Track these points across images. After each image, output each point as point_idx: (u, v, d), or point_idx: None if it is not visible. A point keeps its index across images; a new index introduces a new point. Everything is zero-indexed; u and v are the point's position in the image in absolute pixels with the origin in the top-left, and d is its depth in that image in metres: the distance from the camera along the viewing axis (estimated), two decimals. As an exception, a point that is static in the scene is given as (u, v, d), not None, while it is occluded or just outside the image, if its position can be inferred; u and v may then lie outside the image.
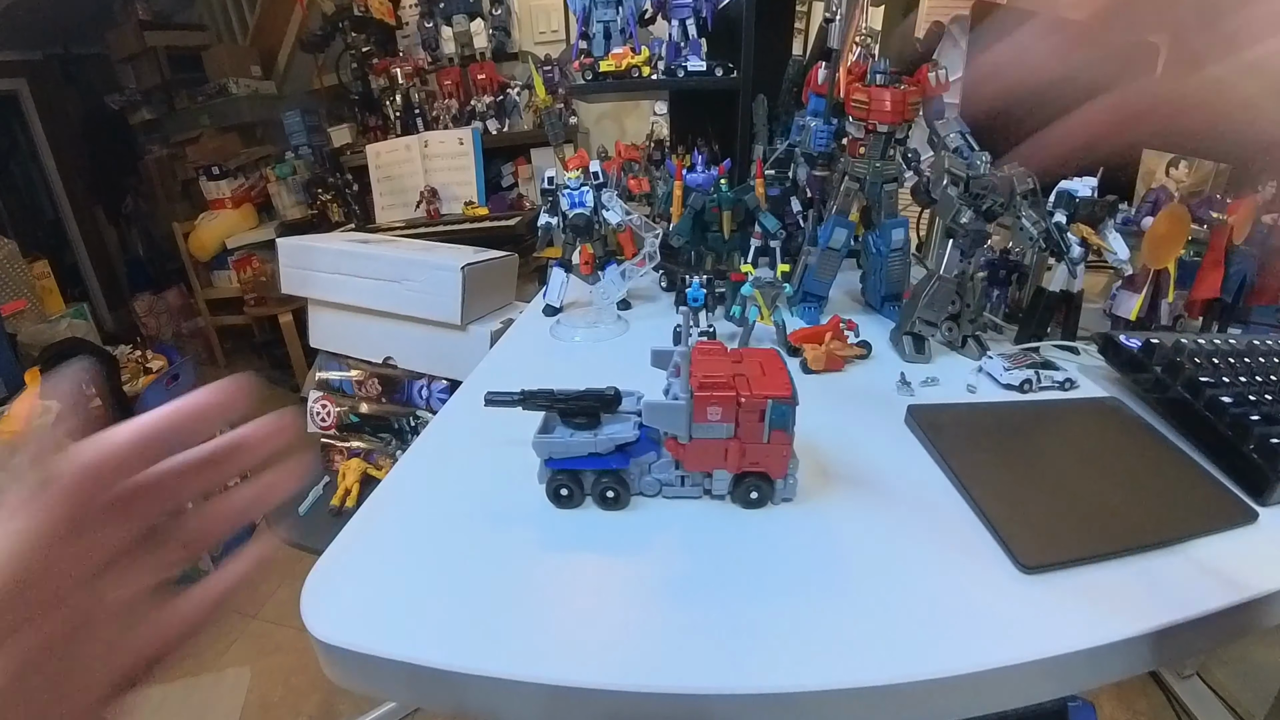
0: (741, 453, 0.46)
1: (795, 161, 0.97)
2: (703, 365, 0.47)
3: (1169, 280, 0.76)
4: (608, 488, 0.48)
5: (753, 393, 0.44)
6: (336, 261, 1.26)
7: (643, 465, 0.48)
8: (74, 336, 1.90)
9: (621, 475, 0.48)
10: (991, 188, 0.68)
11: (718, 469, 0.47)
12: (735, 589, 0.41)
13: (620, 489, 0.48)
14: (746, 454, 0.46)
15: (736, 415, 0.45)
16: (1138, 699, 1.32)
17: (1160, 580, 0.41)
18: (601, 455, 0.47)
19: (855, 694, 0.35)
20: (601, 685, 0.35)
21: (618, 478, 0.48)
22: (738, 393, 0.44)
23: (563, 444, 0.47)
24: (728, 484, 0.48)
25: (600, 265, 0.88)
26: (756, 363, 0.48)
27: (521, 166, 2.48)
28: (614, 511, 0.48)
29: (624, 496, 0.48)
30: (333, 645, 0.38)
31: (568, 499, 0.48)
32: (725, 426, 0.45)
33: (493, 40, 2.46)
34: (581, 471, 0.48)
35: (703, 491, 0.49)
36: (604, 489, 0.48)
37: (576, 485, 0.48)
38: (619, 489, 0.48)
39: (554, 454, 0.47)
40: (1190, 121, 0.38)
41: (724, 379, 0.45)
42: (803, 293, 0.88)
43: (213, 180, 2.90)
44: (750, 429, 0.45)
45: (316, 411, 1.28)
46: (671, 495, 0.49)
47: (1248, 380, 0.57)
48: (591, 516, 0.49)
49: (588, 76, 1.14)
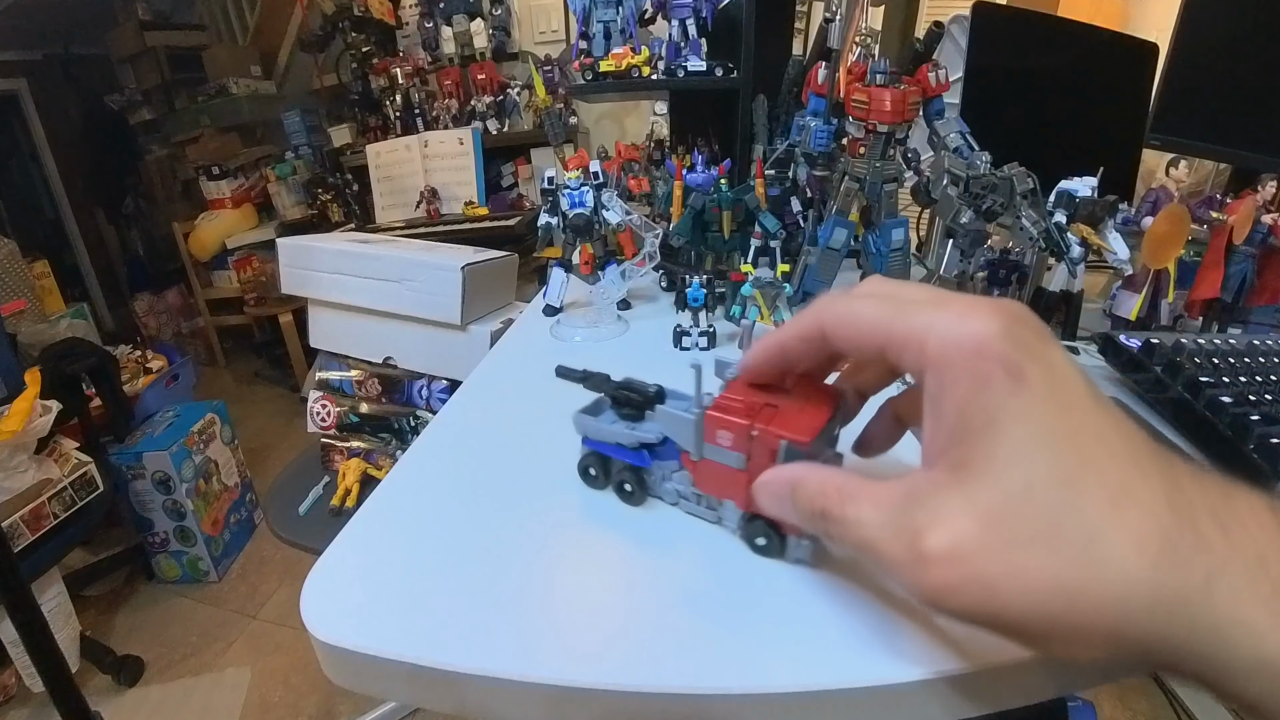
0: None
1: (795, 161, 0.97)
2: (740, 385, 0.42)
3: (1169, 280, 0.76)
4: (625, 481, 0.48)
5: (768, 427, 0.39)
6: (336, 261, 1.26)
7: (665, 470, 0.47)
8: (74, 336, 1.90)
9: (641, 473, 0.48)
10: (991, 188, 0.68)
11: (728, 499, 0.44)
12: (735, 589, 0.41)
13: (636, 486, 0.48)
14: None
15: (749, 447, 0.40)
16: (1138, 699, 1.32)
17: (1160, 580, 0.41)
18: (626, 448, 0.47)
19: (856, 694, 0.35)
20: (601, 685, 0.35)
21: (637, 475, 0.48)
22: (752, 423, 0.39)
23: (595, 427, 0.48)
24: (737, 520, 0.44)
25: (600, 265, 0.88)
26: (808, 395, 0.41)
27: (521, 166, 2.48)
28: (630, 508, 0.49)
29: (638, 494, 0.48)
30: (333, 645, 0.38)
31: (593, 479, 0.50)
32: (737, 456, 0.41)
33: (493, 40, 2.46)
34: (610, 459, 0.49)
35: (718, 518, 0.46)
36: (622, 481, 0.48)
37: (603, 470, 0.49)
38: (635, 485, 0.48)
39: (589, 434, 0.49)
40: None
41: (745, 403, 0.40)
42: (803, 293, 0.88)
43: (213, 180, 2.90)
44: (761, 466, 0.39)
45: (316, 411, 1.28)
46: (688, 511, 0.48)
47: (1248, 380, 0.57)
48: (595, 517, 0.49)
49: (588, 76, 1.14)
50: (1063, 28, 1.07)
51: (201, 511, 1.76)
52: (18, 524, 1.23)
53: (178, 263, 3.10)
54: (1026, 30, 1.03)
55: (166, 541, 1.77)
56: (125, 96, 3.33)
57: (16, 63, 3.21)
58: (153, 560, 1.81)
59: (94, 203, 3.62)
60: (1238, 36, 0.91)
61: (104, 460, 1.57)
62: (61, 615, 1.36)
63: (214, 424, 1.87)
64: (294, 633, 1.64)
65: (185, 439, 1.73)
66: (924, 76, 0.78)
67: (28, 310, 2.21)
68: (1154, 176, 1.23)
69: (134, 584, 1.84)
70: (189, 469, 1.73)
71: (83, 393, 1.59)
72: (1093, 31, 1.07)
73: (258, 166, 3.02)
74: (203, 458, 1.80)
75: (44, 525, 1.29)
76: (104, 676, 1.50)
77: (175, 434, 1.73)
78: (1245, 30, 0.90)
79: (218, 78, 2.98)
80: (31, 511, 1.26)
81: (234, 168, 2.96)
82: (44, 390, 1.34)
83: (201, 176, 2.91)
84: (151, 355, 2.07)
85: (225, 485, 1.90)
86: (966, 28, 1.00)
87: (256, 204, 3.00)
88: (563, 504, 0.51)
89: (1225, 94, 0.93)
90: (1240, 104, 0.91)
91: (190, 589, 1.81)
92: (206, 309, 3.12)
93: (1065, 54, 1.03)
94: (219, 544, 1.85)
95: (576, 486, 0.52)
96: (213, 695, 1.48)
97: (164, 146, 3.34)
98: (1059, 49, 1.03)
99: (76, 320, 2.31)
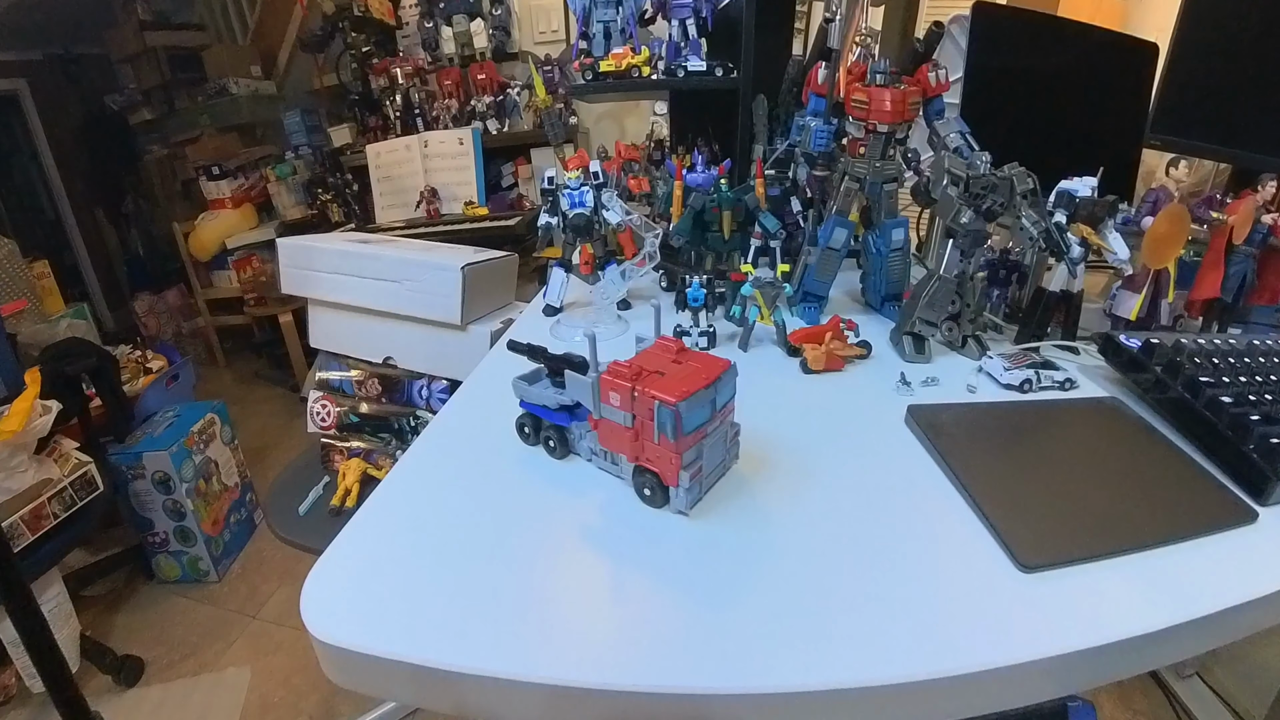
0: (638, 446, 0.48)
1: (795, 161, 0.97)
2: (644, 355, 0.50)
3: (1169, 280, 0.76)
4: (550, 438, 0.56)
5: (646, 389, 0.46)
6: (336, 261, 1.25)
7: (581, 430, 0.54)
8: (74, 336, 1.90)
9: (563, 431, 0.55)
10: (991, 187, 0.68)
11: (621, 454, 0.51)
12: (736, 589, 0.41)
13: (559, 443, 0.56)
14: (644, 450, 0.48)
15: (634, 407, 0.47)
16: (1138, 699, 1.32)
17: (1160, 580, 0.41)
18: (550, 409, 0.55)
19: (855, 694, 0.35)
20: (601, 685, 0.35)
21: (560, 433, 0.55)
22: (633, 385, 0.46)
23: (526, 390, 0.56)
24: (630, 471, 0.51)
25: (600, 265, 0.88)
26: (697, 367, 0.49)
27: (521, 166, 2.48)
28: (557, 461, 0.56)
29: (560, 449, 0.56)
30: (333, 645, 0.38)
31: (525, 436, 0.58)
32: (625, 415, 0.48)
33: (493, 40, 2.46)
34: (540, 419, 0.56)
35: (619, 472, 0.52)
36: (548, 438, 0.56)
37: (534, 428, 0.57)
38: (558, 443, 0.56)
39: (523, 396, 0.57)
40: None
41: (632, 369, 0.48)
42: (803, 293, 0.88)
43: (213, 180, 2.90)
44: (645, 425, 0.47)
45: (316, 411, 1.28)
46: (599, 466, 0.54)
47: (1248, 380, 0.57)
48: (596, 517, 0.49)
49: (588, 76, 1.14)
50: (1063, 28, 1.07)
51: (201, 511, 1.76)
52: (18, 524, 1.23)
53: (178, 263, 3.09)
54: (1026, 30, 1.03)
55: (166, 541, 1.77)
56: (125, 96, 3.32)
57: (16, 63, 3.20)
58: (153, 560, 1.81)
59: (94, 203, 3.62)
60: (1238, 36, 0.91)
61: (104, 460, 1.56)
62: (61, 615, 1.36)
63: (214, 424, 1.87)
64: (294, 633, 1.64)
65: (185, 439, 1.73)
66: (924, 76, 0.78)
67: (28, 310, 2.21)
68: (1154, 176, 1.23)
69: (134, 584, 1.84)
70: (189, 469, 1.73)
71: (83, 393, 1.59)
72: (1093, 31, 1.07)
73: (258, 166, 3.02)
74: (203, 458, 1.80)
75: (44, 525, 1.29)
76: (104, 676, 1.50)
77: (175, 434, 1.73)
78: (1245, 30, 0.90)
79: (218, 78, 2.98)
80: (31, 511, 1.26)
81: (234, 168, 2.95)
82: (44, 390, 1.33)
83: (201, 176, 2.90)
84: (151, 355, 2.07)
85: (225, 485, 1.90)
86: (966, 28, 1.00)
87: (256, 204, 3.00)
88: (563, 504, 0.51)
89: (1225, 94, 0.93)
90: (1240, 104, 0.91)
91: (190, 589, 1.81)
92: (206, 309, 3.11)
93: (1065, 54, 1.03)
94: (219, 544, 1.85)
95: (576, 487, 0.53)
96: (213, 695, 1.48)
97: (164, 146, 3.33)
98: (1059, 49, 1.03)
99: (76, 320, 2.30)
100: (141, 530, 1.76)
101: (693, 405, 0.45)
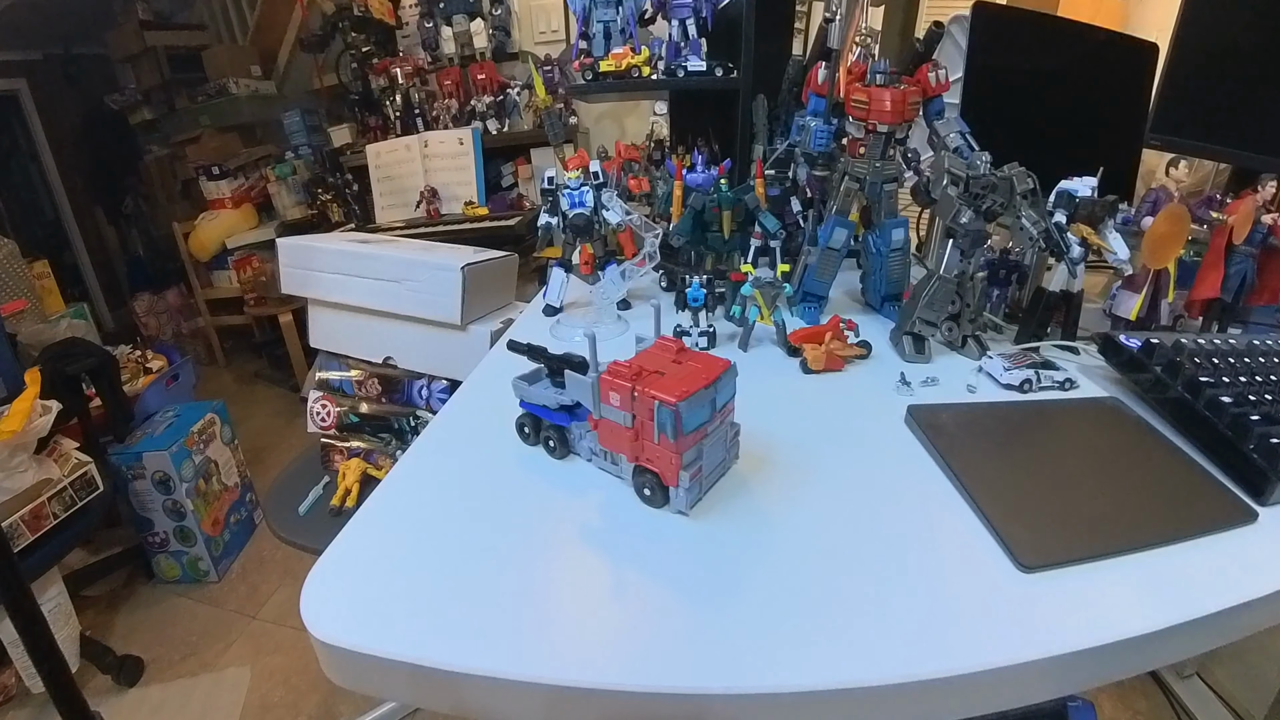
0: (638, 446, 0.48)
1: (795, 161, 0.97)
2: (644, 355, 0.50)
3: (1169, 280, 0.76)
4: (550, 438, 0.56)
5: (646, 389, 0.46)
6: (336, 261, 1.25)
7: (581, 430, 0.54)
8: (74, 336, 1.89)
9: (563, 431, 0.55)
10: (991, 187, 0.68)
11: (620, 454, 0.50)
12: (735, 589, 0.41)
13: (559, 443, 0.55)
14: (644, 450, 0.48)
15: (634, 407, 0.47)
16: (1138, 699, 1.32)
17: (1160, 580, 0.41)
18: (550, 409, 0.54)
19: (855, 694, 0.35)
20: (601, 685, 0.35)
21: (560, 433, 0.55)
22: (633, 385, 0.46)
23: (527, 390, 0.56)
24: (630, 471, 0.50)
25: (600, 265, 0.88)
26: (697, 367, 0.49)
27: (521, 166, 2.48)
28: (557, 461, 0.55)
29: (560, 449, 0.55)
30: (333, 645, 0.38)
31: (525, 436, 0.58)
32: (625, 415, 0.48)
33: (493, 40, 2.46)
34: (540, 419, 0.56)
35: (619, 472, 0.52)
36: (548, 438, 0.56)
37: (534, 428, 0.57)
38: (558, 442, 0.55)
39: (523, 397, 0.56)
40: None
41: (632, 369, 0.47)
42: (803, 293, 0.88)
43: (213, 180, 2.90)
44: (645, 425, 0.47)
45: (316, 411, 1.28)
46: (599, 466, 0.54)
47: (1248, 380, 0.57)
48: (596, 517, 0.49)
49: (588, 76, 1.14)
50: (1063, 28, 1.07)
51: (201, 511, 1.76)
52: (18, 524, 1.23)
53: (178, 263, 3.09)
54: (1026, 30, 1.03)
55: (166, 541, 1.77)
56: (125, 96, 3.32)
57: (16, 63, 3.20)
58: (153, 560, 1.81)
59: (94, 203, 3.62)
60: (1238, 36, 0.91)
61: (104, 460, 1.56)
62: (61, 615, 1.36)
63: (214, 424, 1.87)
64: (294, 633, 1.64)
65: (185, 439, 1.73)
66: (924, 76, 0.78)
67: (28, 310, 2.21)
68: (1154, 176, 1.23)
69: (134, 584, 1.84)
70: (189, 469, 1.73)
71: (83, 393, 1.59)
72: (1093, 31, 1.07)
73: (258, 166, 3.02)
74: (203, 458, 1.80)
75: (44, 525, 1.29)
76: (104, 676, 1.49)
77: (175, 434, 1.73)
78: (1245, 30, 0.90)
79: (218, 78, 2.98)
80: (31, 511, 1.26)
81: (234, 168, 2.95)
82: (44, 390, 1.33)
83: (201, 176, 2.90)
84: (151, 355, 2.07)
85: (225, 485, 1.90)
86: (966, 28, 1.00)
87: (256, 204, 3.00)
88: (562, 505, 0.51)
89: (1225, 94, 0.93)
90: (1240, 104, 0.91)
91: (190, 589, 1.81)
92: (206, 309, 3.11)
93: (1065, 54, 1.03)
94: (219, 544, 1.85)
95: (576, 487, 0.53)
96: (213, 695, 1.48)
97: (164, 146, 3.33)
98: (1059, 49, 1.03)
99: (76, 320, 2.30)
100: (141, 530, 1.76)
101: (693, 405, 0.45)
